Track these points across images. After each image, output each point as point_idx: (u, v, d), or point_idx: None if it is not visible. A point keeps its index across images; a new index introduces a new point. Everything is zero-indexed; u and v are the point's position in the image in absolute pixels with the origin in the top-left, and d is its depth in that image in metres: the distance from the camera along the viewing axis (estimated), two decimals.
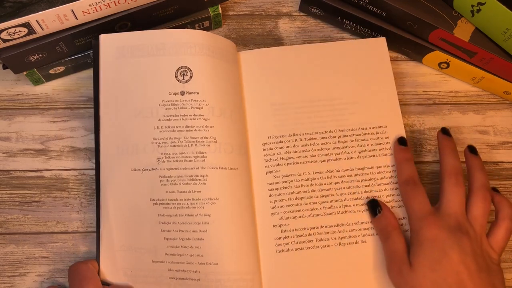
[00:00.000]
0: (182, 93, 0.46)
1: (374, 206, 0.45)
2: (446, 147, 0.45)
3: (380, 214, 0.44)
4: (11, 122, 0.51)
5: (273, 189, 0.46)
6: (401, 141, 0.47)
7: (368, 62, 0.51)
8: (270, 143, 0.48)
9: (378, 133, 0.48)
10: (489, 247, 0.41)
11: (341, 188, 0.46)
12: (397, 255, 0.42)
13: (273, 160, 0.47)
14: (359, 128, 0.48)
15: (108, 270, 0.43)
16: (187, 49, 0.47)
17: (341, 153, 0.47)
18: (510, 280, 0.47)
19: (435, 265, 0.39)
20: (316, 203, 0.46)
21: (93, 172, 0.49)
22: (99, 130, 0.45)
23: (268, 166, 0.47)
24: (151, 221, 0.43)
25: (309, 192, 0.46)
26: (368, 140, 0.48)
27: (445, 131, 0.47)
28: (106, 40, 0.47)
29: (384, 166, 0.47)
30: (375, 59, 0.51)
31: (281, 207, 0.46)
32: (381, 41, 0.51)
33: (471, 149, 0.46)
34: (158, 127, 0.45)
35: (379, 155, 0.47)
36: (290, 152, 0.47)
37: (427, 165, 0.51)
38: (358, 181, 0.46)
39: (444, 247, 0.39)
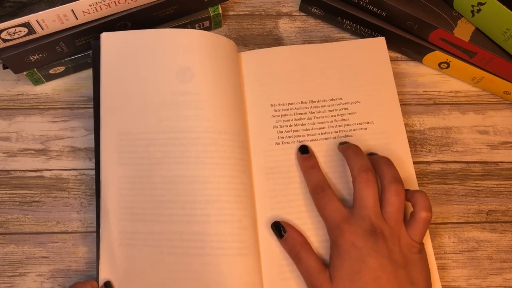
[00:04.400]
0: (183, 93, 0.45)
1: (278, 228, 0.43)
2: (349, 150, 0.44)
3: (286, 235, 0.43)
4: (11, 122, 0.51)
5: (274, 190, 0.46)
6: (302, 149, 0.46)
7: (368, 62, 0.51)
8: (270, 143, 0.48)
9: (378, 133, 0.48)
10: (409, 238, 0.40)
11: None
12: (313, 275, 0.40)
13: (274, 162, 0.47)
14: (360, 129, 0.48)
15: (108, 269, 0.43)
16: (189, 49, 0.46)
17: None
18: (510, 280, 0.47)
19: (355, 276, 0.38)
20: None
21: (93, 172, 0.49)
22: (99, 129, 0.45)
23: (269, 173, 0.47)
24: (152, 220, 0.43)
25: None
26: (368, 140, 0.48)
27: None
28: (108, 38, 0.47)
29: None
30: (375, 59, 0.51)
31: (282, 208, 0.46)
32: (381, 41, 0.51)
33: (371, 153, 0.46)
34: (159, 127, 0.45)
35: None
36: (291, 154, 0.47)
37: (427, 165, 0.51)
38: None
39: (361, 256, 0.39)
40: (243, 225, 0.44)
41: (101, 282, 0.42)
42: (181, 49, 0.46)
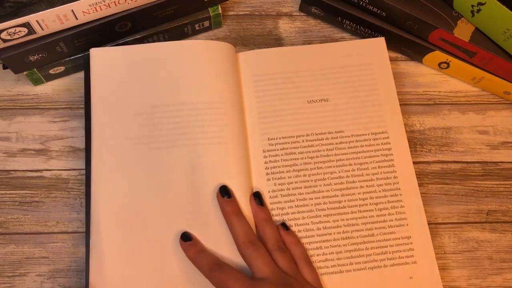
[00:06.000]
0: (180, 102, 0.46)
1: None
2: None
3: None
4: (11, 122, 0.51)
5: (274, 197, 0.46)
6: (222, 191, 0.43)
7: (368, 62, 0.51)
8: (270, 144, 0.48)
9: (378, 133, 0.48)
10: (308, 283, 0.41)
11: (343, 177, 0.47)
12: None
13: (274, 162, 0.47)
14: (359, 129, 0.48)
15: (98, 277, 0.42)
16: (181, 60, 0.47)
17: (342, 154, 0.47)
18: (510, 280, 0.47)
19: None
20: (321, 204, 0.46)
21: None
22: (90, 135, 0.46)
23: (269, 173, 0.47)
24: (150, 228, 0.43)
25: (310, 196, 0.46)
26: (369, 140, 0.48)
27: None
28: (97, 53, 0.47)
29: (384, 167, 0.47)
30: (374, 59, 0.51)
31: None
32: (381, 41, 0.51)
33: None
34: (154, 136, 0.45)
35: (380, 155, 0.47)
36: (290, 154, 0.47)
37: (427, 165, 0.51)
38: (356, 181, 0.47)
39: None
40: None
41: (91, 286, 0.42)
42: (173, 61, 0.47)
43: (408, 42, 0.53)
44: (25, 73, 0.49)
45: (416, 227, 0.45)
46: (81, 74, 0.53)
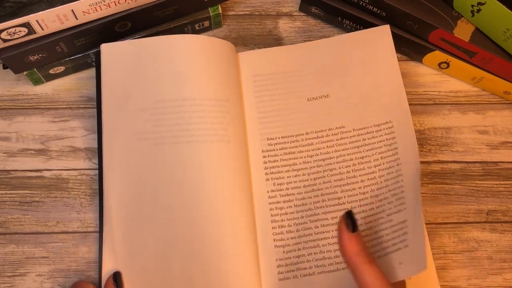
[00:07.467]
0: (183, 98, 0.46)
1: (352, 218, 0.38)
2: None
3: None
4: (11, 122, 0.51)
5: (273, 197, 0.46)
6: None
7: (372, 52, 0.49)
8: (270, 144, 0.48)
9: (381, 124, 0.47)
10: None
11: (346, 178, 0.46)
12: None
13: (273, 162, 0.47)
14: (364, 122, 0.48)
15: (110, 269, 0.43)
16: (185, 54, 0.47)
17: (343, 150, 0.47)
18: (510, 280, 0.47)
19: None
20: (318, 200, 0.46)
21: (93, 172, 0.49)
22: (101, 131, 0.46)
23: (268, 173, 0.47)
24: (154, 222, 0.43)
25: (309, 195, 0.46)
26: (372, 132, 0.47)
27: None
28: (108, 49, 0.47)
29: (387, 157, 0.46)
30: (378, 49, 0.49)
31: (281, 222, 0.46)
32: (385, 29, 0.50)
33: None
34: (158, 132, 0.45)
35: (383, 146, 0.47)
36: (289, 153, 0.47)
37: (427, 165, 0.51)
38: (356, 178, 0.46)
39: None
40: (242, 226, 0.44)
41: (104, 279, 0.42)
42: (179, 54, 0.47)
43: (408, 42, 0.53)
44: (25, 73, 0.49)
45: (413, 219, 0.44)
46: (81, 74, 0.53)
